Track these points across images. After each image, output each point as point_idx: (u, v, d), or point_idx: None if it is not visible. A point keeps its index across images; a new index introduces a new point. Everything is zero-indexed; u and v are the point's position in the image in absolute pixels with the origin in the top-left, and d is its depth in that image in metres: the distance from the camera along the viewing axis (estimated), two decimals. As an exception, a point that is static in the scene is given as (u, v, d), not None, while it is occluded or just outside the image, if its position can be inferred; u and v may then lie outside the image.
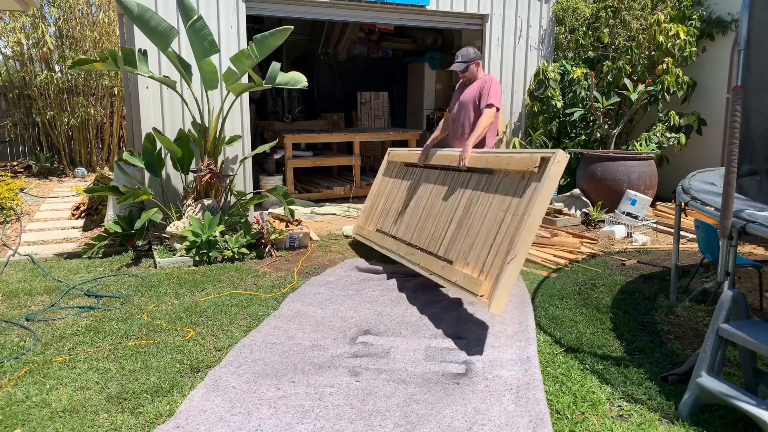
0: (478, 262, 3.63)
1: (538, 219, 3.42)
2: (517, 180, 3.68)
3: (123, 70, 5.07)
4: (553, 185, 3.46)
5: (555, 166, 3.47)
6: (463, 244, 3.86)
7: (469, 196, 4.07)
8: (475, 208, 3.92)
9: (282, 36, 5.10)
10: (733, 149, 2.74)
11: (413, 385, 3.01)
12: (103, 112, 9.74)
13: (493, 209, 3.73)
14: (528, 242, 3.37)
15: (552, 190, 3.47)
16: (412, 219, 4.68)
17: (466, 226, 3.92)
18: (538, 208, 3.39)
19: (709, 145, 7.42)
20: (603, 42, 7.49)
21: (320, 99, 11.03)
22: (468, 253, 3.76)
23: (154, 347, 3.44)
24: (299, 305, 4.11)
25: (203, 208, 5.42)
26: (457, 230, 3.99)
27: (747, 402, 2.53)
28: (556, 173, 3.47)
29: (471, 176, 4.21)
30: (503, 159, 3.92)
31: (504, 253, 3.42)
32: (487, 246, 3.61)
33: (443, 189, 4.48)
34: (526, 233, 3.36)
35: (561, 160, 3.50)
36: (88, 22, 9.43)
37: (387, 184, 5.49)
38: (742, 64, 2.89)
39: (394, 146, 9.87)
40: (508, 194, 3.70)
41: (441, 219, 4.26)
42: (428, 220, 4.42)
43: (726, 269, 2.99)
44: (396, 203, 5.10)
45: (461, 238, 3.90)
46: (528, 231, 3.36)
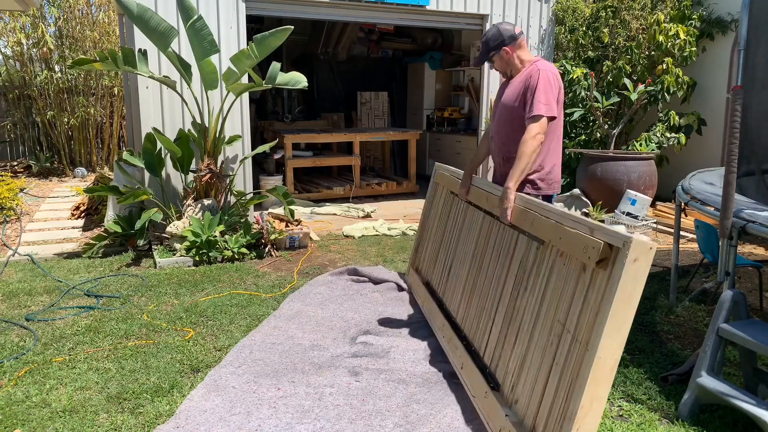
0: (530, 403, 2.38)
1: (610, 356, 2.03)
2: (576, 271, 2.29)
3: (123, 70, 5.07)
4: (630, 296, 2.01)
5: (631, 267, 1.98)
6: (512, 358, 2.63)
7: (516, 275, 2.79)
8: (524, 301, 2.66)
9: (282, 36, 5.10)
10: (733, 149, 2.75)
11: (413, 385, 3.01)
12: (103, 112, 9.74)
13: (546, 312, 2.45)
14: (597, 398, 2.04)
15: (630, 302, 2.01)
16: (458, 284, 3.53)
17: (514, 328, 2.68)
18: (609, 338, 2.01)
19: (709, 145, 7.43)
20: (603, 42, 7.49)
21: (320, 99, 11.03)
22: (518, 380, 2.53)
23: (154, 347, 3.44)
24: (299, 305, 4.11)
25: (203, 208, 5.42)
26: (503, 329, 2.78)
27: (747, 402, 2.53)
28: (633, 275, 1.99)
29: (518, 238, 2.87)
30: (551, 227, 2.53)
31: (562, 407, 2.15)
32: (541, 379, 2.34)
33: (487, 250, 3.21)
34: (593, 386, 2.03)
35: (640, 255, 1.98)
36: (88, 22, 9.43)
37: (436, 213, 4.33)
38: (742, 64, 2.89)
39: (394, 146, 9.92)
40: (563, 293, 2.36)
41: (486, 301, 3.06)
42: (473, 296, 3.25)
43: (726, 269, 2.99)
44: (443, 249, 3.96)
45: (509, 345, 2.69)
46: (595, 383, 2.02)
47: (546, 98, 2.94)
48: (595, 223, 2.24)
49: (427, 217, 4.52)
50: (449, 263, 3.77)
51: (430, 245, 4.29)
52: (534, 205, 2.74)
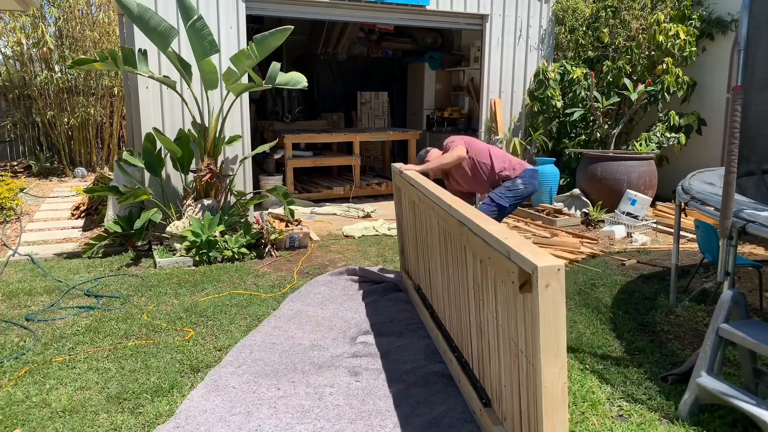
0: (514, 423, 2.33)
1: (556, 382, 1.96)
2: (512, 291, 2.16)
3: (123, 69, 5.07)
4: (555, 322, 1.92)
5: (545, 294, 1.88)
6: (491, 374, 2.58)
7: (473, 289, 2.68)
8: (485, 316, 2.57)
9: (282, 36, 5.10)
10: (733, 149, 2.74)
11: (413, 385, 3.01)
12: (103, 112, 9.74)
13: (502, 329, 2.35)
14: (559, 423, 1.99)
15: (557, 327, 1.93)
16: (439, 291, 3.44)
17: (485, 342, 2.61)
18: (549, 365, 1.94)
19: (709, 145, 7.42)
20: (603, 42, 7.49)
21: (320, 99, 11.03)
22: (500, 396, 2.48)
23: (154, 347, 3.44)
24: (299, 305, 4.12)
25: (203, 208, 5.42)
26: (478, 342, 2.71)
27: (747, 402, 2.53)
28: (550, 301, 1.89)
29: (466, 250, 2.72)
30: (481, 246, 2.39)
31: (534, 426, 2.11)
32: (515, 398, 2.29)
33: (448, 259, 3.11)
34: (550, 414, 1.98)
35: (551, 280, 1.87)
36: (88, 22, 9.43)
37: (407, 217, 4.24)
38: (742, 64, 2.89)
39: (394, 146, 9.92)
40: (509, 312, 2.25)
41: (461, 312, 2.98)
42: (451, 305, 3.17)
43: (726, 269, 2.99)
44: (421, 254, 3.86)
45: (486, 360, 2.64)
46: (551, 410, 1.98)
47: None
48: (510, 245, 2.07)
49: (401, 220, 4.47)
50: (428, 269, 3.69)
51: (410, 249, 4.24)
52: (467, 219, 2.55)
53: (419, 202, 3.60)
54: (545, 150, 7.64)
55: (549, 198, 7.19)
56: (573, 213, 6.83)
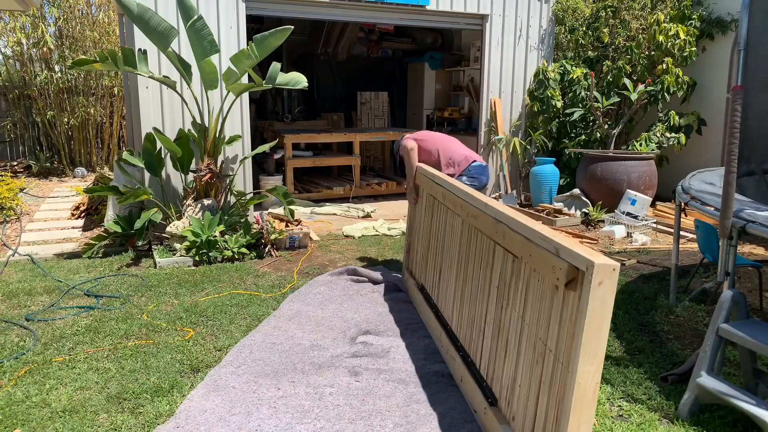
0: (525, 422, 2.32)
1: (590, 381, 1.97)
2: (550, 289, 2.20)
3: (123, 70, 5.07)
4: (600, 320, 1.94)
5: (596, 291, 1.91)
6: (504, 373, 2.56)
7: (498, 287, 2.69)
8: (507, 314, 2.57)
9: (282, 36, 5.10)
10: (733, 149, 2.75)
11: (413, 385, 3.01)
12: (103, 112, 9.74)
13: (529, 328, 2.36)
14: (584, 422, 1.99)
15: (602, 326, 1.95)
16: (449, 290, 3.44)
17: (503, 342, 2.60)
18: (586, 363, 1.96)
19: (709, 145, 7.42)
20: (603, 42, 7.49)
21: (320, 99, 11.03)
22: (512, 396, 2.47)
23: (154, 347, 3.44)
24: (299, 305, 4.11)
25: (203, 208, 5.42)
26: (494, 342, 2.70)
27: (747, 402, 2.53)
28: (600, 299, 1.92)
29: (495, 248, 2.76)
30: (521, 243, 2.43)
31: (553, 430, 2.11)
32: (532, 398, 2.28)
33: (470, 258, 3.11)
34: (577, 411, 1.98)
35: (605, 278, 1.91)
36: (88, 22, 9.43)
37: (421, 216, 4.26)
38: (742, 64, 2.89)
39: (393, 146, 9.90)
40: (541, 310, 2.26)
41: (475, 311, 2.97)
42: (464, 305, 3.16)
43: (726, 269, 2.99)
44: (432, 253, 3.86)
45: (500, 359, 2.62)
46: (579, 408, 1.98)
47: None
48: (561, 243, 2.12)
49: (413, 218, 4.47)
50: (439, 268, 3.67)
51: (420, 248, 4.22)
52: (505, 216, 2.60)
53: (443, 200, 3.59)
54: (545, 150, 7.63)
55: (549, 198, 7.19)
56: (573, 213, 6.83)
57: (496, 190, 7.74)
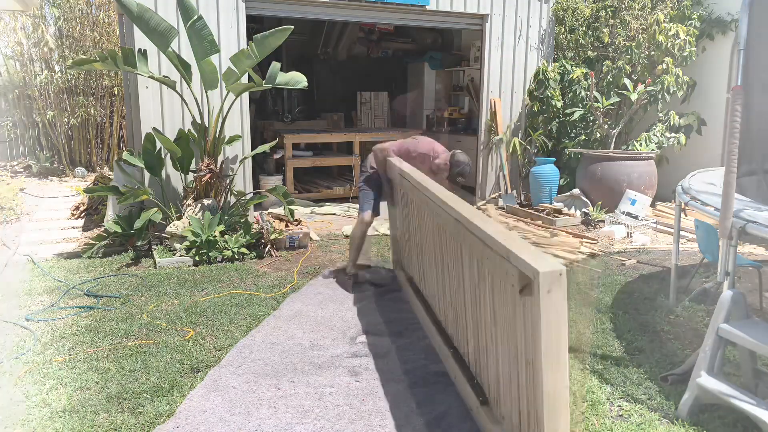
0: (513, 424, 2.30)
1: (557, 387, 1.94)
2: (511, 293, 2.13)
3: (123, 69, 5.07)
4: (556, 327, 1.90)
5: (547, 300, 1.87)
6: (489, 372, 2.55)
7: (470, 289, 2.64)
8: (483, 313, 2.53)
9: (282, 36, 5.10)
10: (733, 149, 2.74)
11: (413, 385, 3.01)
12: (103, 112, 9.74)
13: (501, 331, 2.31)
14: (560, 429, 1.97)
15: (559, 333, 1.91)
16: (435, 285, 3.40)
17: (483, 341, 2.57)
18: (550, 371, 1.91)
19: (709, 145, 7.42)
20: (603, 42, 7.48)
21: (320, 99, 11.03)
22: (498, 395, 2.45)
23: (154, 347, 3.44)
24: (299, 305, 4.12)
25: (203, 208, 5.42)
26: (476, 340, 2.68)
27: (747, 402, 2.53)
28: (553, 308, 1.88)
29: (461, 248, 2.68)
30: (479, 245, 2.36)
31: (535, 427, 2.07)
32: (515, 399, 2.26)
33: (444, 255, 3.07)
34: (552, 420, 1.96)
35: (552, 286, 1.86)
36: (88, 22, 9.43)
37: (400, 209, 4.29)
38: (742, 64, 2.89)
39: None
40: (508, 314, 2.21)
41: (457, 308, 2.94)
42: (448, 305, 3.13)
43: (726, 269, 2.99)
44: (415, 247, 3.82)
45: (483, 358, 2.60)
46: (553, 416, 1.95)
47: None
48: (511, 248, 2.03)
49: (393, 214, 4.48)
50: (422, 263, 3.65)
51: (404, 242, 4.20)
52: (464, 218, 2.50)
53: (412, 196, 3.54)
54: (545, 150, 7.63)
55: (549, 198, 7.19)
56: (573, 213, 6.83)
57: (496, 190, 7.74)
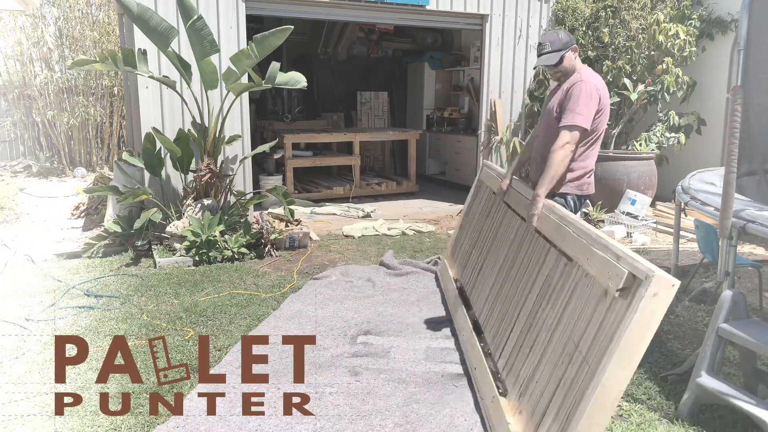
0: (533, 417, 2.36)
1: (616, 385, 2.01)
2: (597, 294, 2.26)
3: (123, 70, 5.07)
4: (645, 329, 1.98)
5: (650, 301, 1.97)
6: (523, 369, 2.61)
7: (540, 288, 2.75)
8: (544, 314, 2.62)
9: (282, 36, 5.09)
10: (733, 149, 2.75)
11: (413, 385, 3.01)
12: (102, 112, 9.74)
13: (563, 329, 2.41)
14: (596, 425, 2.02)
15: (645, 335, 1.99)
16: (485, 285, 3.52)
17: (530, 340, 2.65)
18: (619, 367, 1.99)
19: (709, 145, 7.42)
20: (603, 42, 7.48)
21: (320, 99, 11.03)
22: (525, 391, 2.51)
23: (153, 347, 3.43)
24: (299, 305, 4.11)
25: (203, 208, 5.41)
26: (520, 339, 2.76)
27: (747, 402, 2.53)
28: (651, 310, 1.97)
29: (549, 251, 2.81)
30: (581, 247, 2.48)
31: (561, 427, 2.13)
32: (547, 395, 2.32)
33: (518, 258, 3.18)
34: (593, 412, 2.01)
35: (660, 291, 1.96)
36: (88, 22, 9.43)
37: (476, 212, 4.31)
38: (742, 64, 2.89)
39: (394, 146, 9.91)
40: (582, 313, 2.32)
41: (509, 308, 3.03)
42: (498, 300, 3.23)
43: (726, 269, 2.99)
44: (477, 249, 3.96)
45: (522, 356, 2.67)
46: (596, 409, 2.01)
47: (583, 109, 3.00)
48: (623, 251, 2.18)
49: (467, 214, 4.56)
50: (480, 264, 3.79)
51: (465, 243, 4.32)
52: (569, 221, 2.68)
53: (505, 197, 3.68)
54: (545, 150, 7.63)
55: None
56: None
57: (496, 190, 7.73)
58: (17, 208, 6.86)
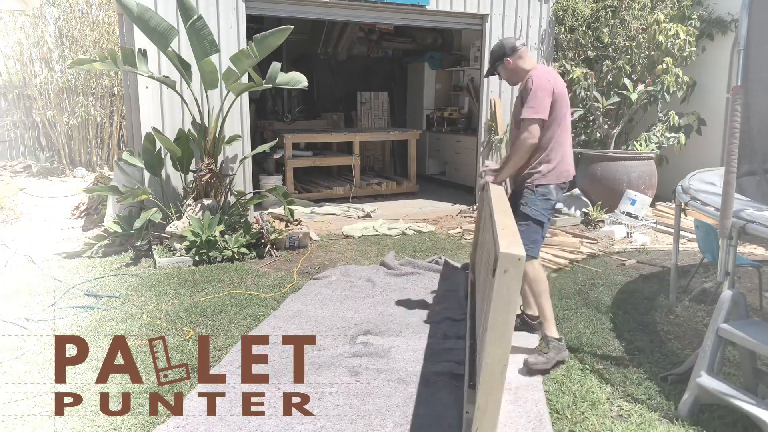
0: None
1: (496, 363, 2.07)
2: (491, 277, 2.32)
3: (123, 69, 5.07)
4: (505, 306, 2.04)
5: (502, 278, 2.02)
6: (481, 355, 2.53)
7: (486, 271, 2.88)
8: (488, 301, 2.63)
9: (282, 36, 5.09)
10: (733, 149, 2.75)
11: (413, 385, 3.01)
12: (102, 111, 9.75)
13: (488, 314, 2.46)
14: (492, 401, 2.10)
15: (507, 312, 2.05)
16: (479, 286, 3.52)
17: (482, 321, 2.73)
18: (492, 344, 2.07)
19: (709, 145, 7.42)
20: (603, 42, 7.48)
21: (320, 99, 11.03)
22: (479, 376, 2.41)
23: (153, 347, 3.43)
24: (299, 305, 4.11)
25: (203, 208, 5.41)
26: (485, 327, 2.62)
27: (747, 402, 2.53)
28: (506, 286, 2.03)
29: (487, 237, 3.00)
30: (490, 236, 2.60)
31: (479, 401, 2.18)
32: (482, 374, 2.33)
33: (484, 246, 3.32)
34: (486, 389, 2.10)
35: (509, 267, 2.01)
36: (88, 22, 9.43)
37: (483, 212, 4.23)
38: (742, 64, 2.88)
39: (394, 146, 9.91)
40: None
41: (483, 302, 3.00)
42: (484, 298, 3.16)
43: (726, 269, 2.99)
44: (479, 252, 4.05)
45: (481, 343, 2.63)
46: (487, 387, 2.09)
47: (534, 102, 3.24)
48: (499, 234, 2.26)
49: (479, 215, 4.58)
50: (480, 269, 3.83)
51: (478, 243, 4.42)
52: (491, 208, 2.78)
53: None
54: (545, 150, 7.62)
55: (549, 198, 7.18)
56: (573, 213, 6.83)
57: (496, 190, 7.72)
58: (17, 208, 6.86)
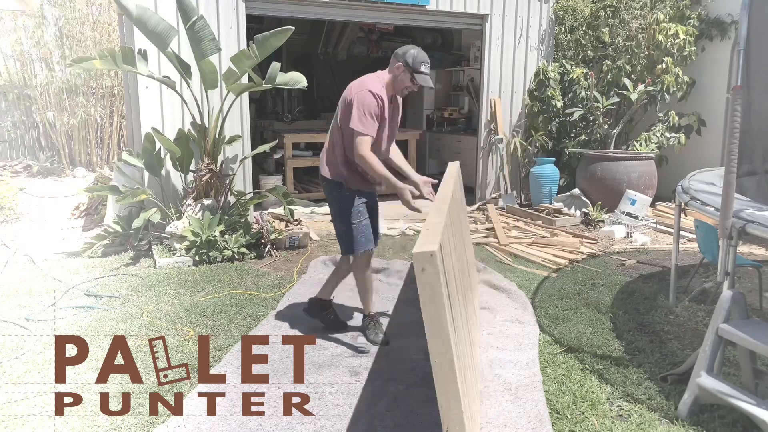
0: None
1: (440, 358, 2.10)
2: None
3: (122, 69, 5.07)
4: (432, 303, 2.07)
5: (422, 277, 2.02)
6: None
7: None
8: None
9: (282, 36, 5.09)
10: (733, 149, 2.74)
11: (413, 385, 3.01)
12: (102, 111, 9.75)
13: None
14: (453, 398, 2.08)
15: (435, 307, 2.08)
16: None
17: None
18: (432, 340, 2.10)
19: (709, 145, 7.42)
20: (603, 42, 7.49)
21: (320, 99, 11.03)
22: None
23: (153, 347, 3.43)
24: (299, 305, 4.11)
25: (203, 208, 5.41)
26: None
27: (747, 402, 2.53)
28: (429, 284, 2.03)
29: None
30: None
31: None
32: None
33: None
34: (443, 387, 2.08)
35: (425, 264, 1.99)
36: (88, 22, 9.43)
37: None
38: (742, 64, 2.88)
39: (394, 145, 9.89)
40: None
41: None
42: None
43: (726, 269, 2.99)
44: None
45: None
46: (443, 384, 2.08)
47: (358, 116, 3.46)
48: (425, 231, 2.22)
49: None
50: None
51: None
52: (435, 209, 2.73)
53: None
54: (545, 150, 7.63)
55: (549, 198, 7.19)
56: (573, 213, 6.83)
57: (496, 190, 7.73)
58: (17, 208, 6.86)
